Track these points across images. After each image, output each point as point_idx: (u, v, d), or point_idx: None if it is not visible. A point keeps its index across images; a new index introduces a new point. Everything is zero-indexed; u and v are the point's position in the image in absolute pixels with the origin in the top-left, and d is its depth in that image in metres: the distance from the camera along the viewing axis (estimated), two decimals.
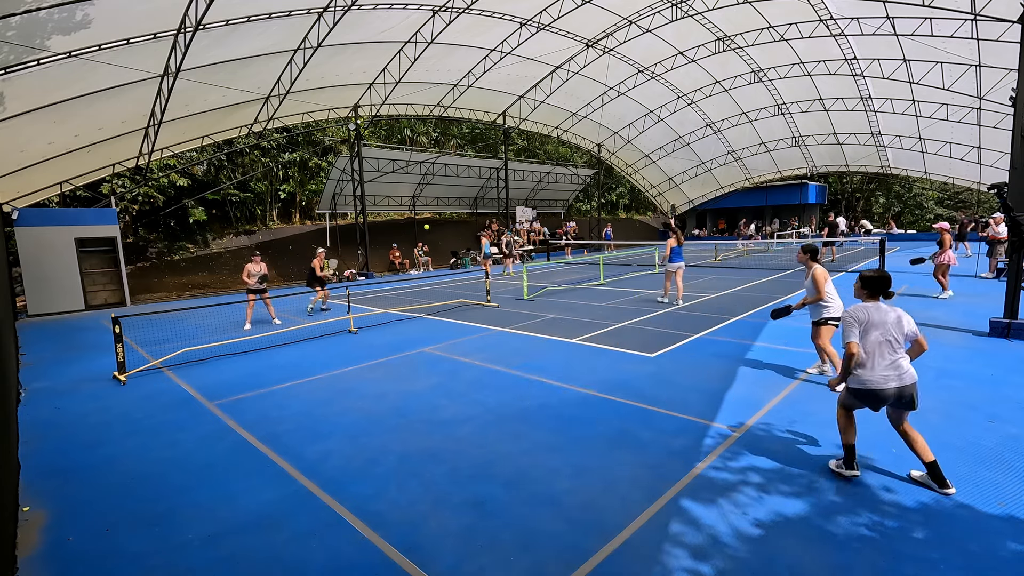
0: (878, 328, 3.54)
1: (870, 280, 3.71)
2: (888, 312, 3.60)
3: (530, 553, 3.03)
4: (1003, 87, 16.96)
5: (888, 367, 3.50)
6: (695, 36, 19.27)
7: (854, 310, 3.65)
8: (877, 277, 3.70)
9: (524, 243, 27.57)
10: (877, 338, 3.54)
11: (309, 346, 8.61)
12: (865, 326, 3.56)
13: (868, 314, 3.59)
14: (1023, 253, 7.36)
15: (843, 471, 3.73)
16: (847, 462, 3.74)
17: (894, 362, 3.51)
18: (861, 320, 3.58)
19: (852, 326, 3.59)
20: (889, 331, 3.54)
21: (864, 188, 39.60)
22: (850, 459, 3.74)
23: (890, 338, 3.53)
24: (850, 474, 3.71)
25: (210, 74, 13.27)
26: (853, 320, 3.60)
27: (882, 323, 3.55)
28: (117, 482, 4.13)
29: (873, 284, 3.70)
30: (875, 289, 3.69)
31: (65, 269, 13.94)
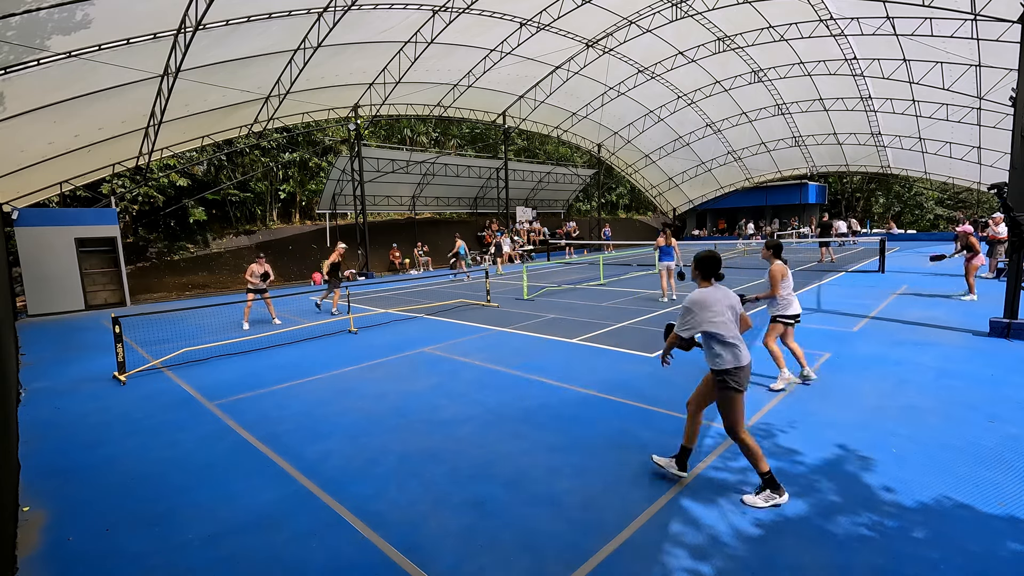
0: (725, 309, 3.50)
1: (703, 262, 3.62)
2: (725, 292, 3.59)
3: (530, 553, 3.03)
4: (1003, 87, 16.96)
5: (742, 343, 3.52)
6: (695, 36, 19.27)
7: (693, 296, 3.52)
8: (709, 258, 3.61)
9: (524, 243, 27.58)
10: (729, 318, 3.50)
11: (309, 346, 8.61)
12: (710, 306, 3.47)
13: (709, 295, 3.51)
14: (1023, 253, 7.36)
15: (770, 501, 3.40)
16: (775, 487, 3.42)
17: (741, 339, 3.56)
18: (703, 302, 3.48)
19: (690, 315, 3.49)
20: (729, 309, 3.54)
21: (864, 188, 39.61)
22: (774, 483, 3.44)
23: (734, 316, 3.55)
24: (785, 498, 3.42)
25: (210, 74, 13.27)
26: (693, 308, 3.49)
27: (725, 303, 3.52)
28: (117, 482, 4.13)
29: (706, 265, 3.61)
30: (709, 271, 3.61)
31: (65, 269, 13.93)
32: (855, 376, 5.96)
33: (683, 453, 3.76)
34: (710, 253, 3.63)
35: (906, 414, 4.82)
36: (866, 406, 5.05)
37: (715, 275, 3.61)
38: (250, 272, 10.22)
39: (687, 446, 3.76)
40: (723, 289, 3.61)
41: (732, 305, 3.57)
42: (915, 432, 4.43)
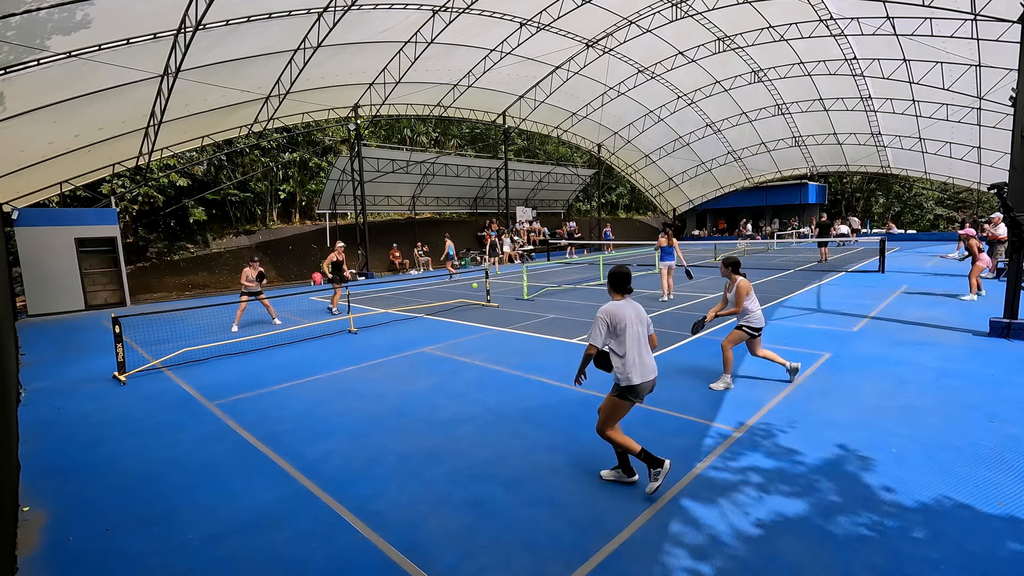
0: (631, 324, 3.59)
1: (614, 277, 3.74)
2: (636, 307, 3.69)
3: (530, 553, 3.03)
4: (1003, 87, 16.96)
5: (646, 361, 3.64)
6: (695, 36, 19.27)
7: (604, 309, 3.63)
8: (620, 274, 3.73)
9: (524, 243, 27.59)
10: (633, 334, 3.59)
11: (309, 346, 8.61)
12: (619, 324, 3.57)
13: (620, 309, 3.61)
14: (1023, 253, 7.36)
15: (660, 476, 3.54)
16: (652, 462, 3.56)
17: (647, 355, 3.67)
18: (614, 319, 3.58)
19: (600, 325, 3.58)
20: (639, 326, 3.64)
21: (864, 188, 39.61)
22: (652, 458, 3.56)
23: (641, 332, 3.65)
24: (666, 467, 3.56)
25: (210, 74, 13.27)
26: (604, 319, 3.59)
27: (634, 319, 3.62)
28: (117, 482, 4.13)
29: (618, 281, 3.73)
30: (620, 286, 3.73)
31: (65, 269, 13.93)
32: (855, 376, 5.97)
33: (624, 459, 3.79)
34: (621, 269, 3.75)
35: (906, 414, 4.82)
36: (866, 406, 5.05)
37: (625, 290, 3.72)
38: (244, 276, 10.23)
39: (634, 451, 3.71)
40: (634, 305, 3.70)
41: (642, 321, 3.68)
42: (915, 432, 4.43)
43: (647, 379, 3.64)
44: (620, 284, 3.72)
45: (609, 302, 3.70)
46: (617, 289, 3.73)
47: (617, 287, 3.73)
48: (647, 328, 3.73)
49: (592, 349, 3.60)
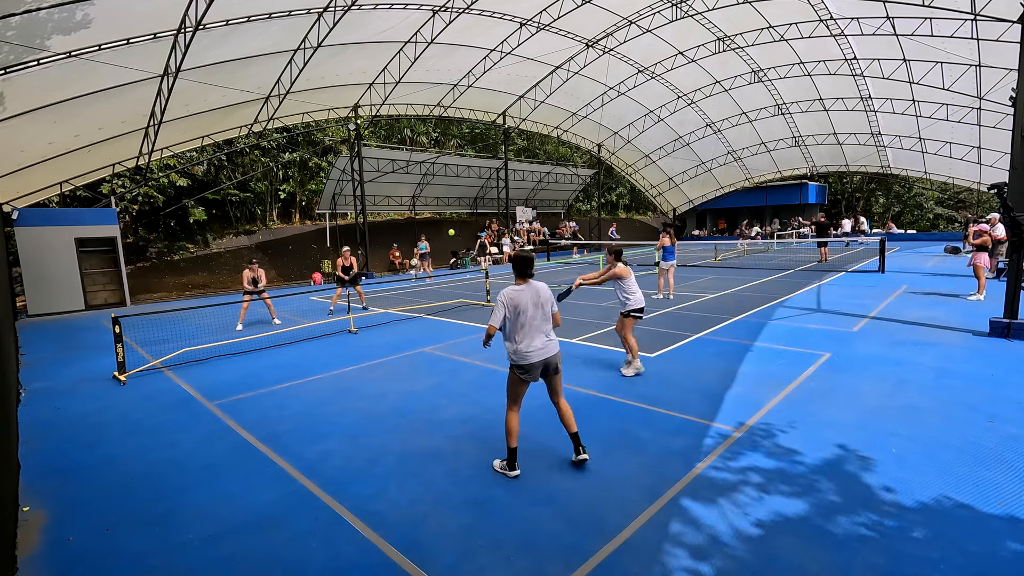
0: (528, 306, 3.85)
1: (515, 261, 4.00)
2: (536, 290, 3.93)
3: (530, 553, 3.03)
4: (1003, 87, 16.96)
5: (537, 341, 3.87)
6: (695, 36, 19.27)
7: (504, 293, 3.88)
8: (521, 258, 3.99)
9: (524, 243, 27.59)
10: (528, 316, 3.84)
11: (309, 346, 8.61)
12: (515, 307, 3.83)
13: (518, 295, 3.86)
14: (1023, 253, 7.36)
15: (507, 472, 3.90)
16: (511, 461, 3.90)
17: (543, 335, 3.91)
18: (511, 301, 3.84)
19: (500, 308, 3.85)
20: (537, 308, 3.89)
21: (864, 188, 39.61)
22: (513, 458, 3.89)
23: (538, 314, 3.90)
24: (514, 474, 3.87)
25: (210, 74, 13.27)
26: (503, 302, 3.85)
27: (532, 302, 3.87)
28: (117, 482, 4.13)
29: (519, 265, 3.98)
30: (521, 270, 3.97)
31: (65, 269, 13.94)
32: (855, 376, 5.96)
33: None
34: (523, 253, 4.04)
35: (906, 414, 4.82)
36: (866, 406, 5.05)
37: (527, 274, 3.98)
38: (245, 280, 10.26)
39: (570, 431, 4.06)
40: (535, 286, 3.96)
41: (540, 302, 3.93)
42: (915, 432, 4.43)
43: (539, 359, 3.86)
44: (522, 268, 3.98)
45: (509, 287, 3.94)
46: (519, 274, 3.98)
47: (518, 272, 3.98)
48: (549, 307, 3.99)
49: (492, 329, 3.89)
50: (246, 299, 10.21)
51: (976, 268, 10.63)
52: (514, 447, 3.89)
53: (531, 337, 3.86)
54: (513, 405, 3.95)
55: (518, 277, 3.99)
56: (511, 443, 3.89)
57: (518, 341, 3.85)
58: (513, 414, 3.92)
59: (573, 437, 4.04)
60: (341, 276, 11.87)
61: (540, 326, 3.91)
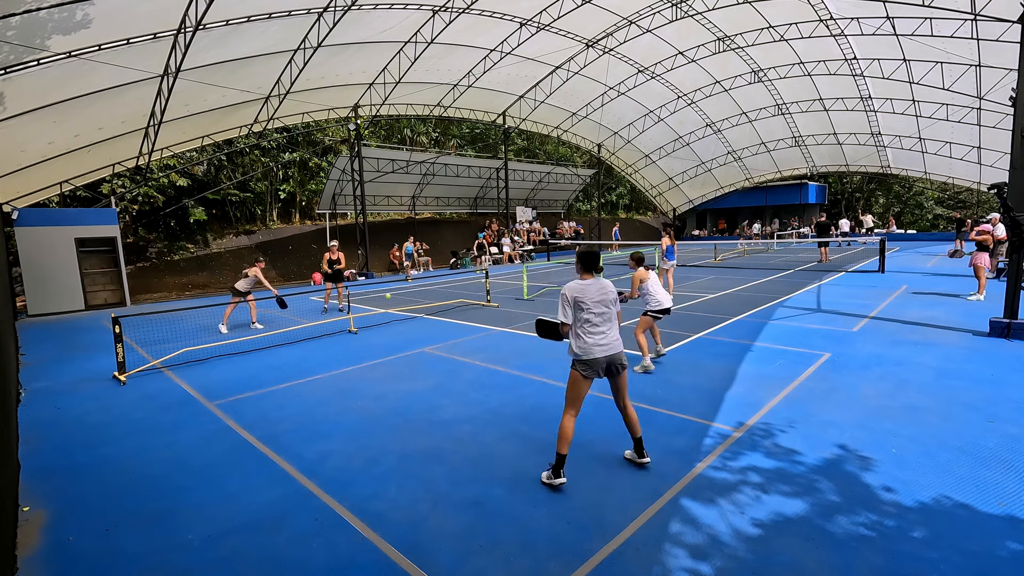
0: (593, 302, 3.76)
1: (582, 256, 3.92)
2: (601, 286, 3.84)
3: (530, 553, 3.03)
4: (1003, 87, 16.95)
5: (602, 337, 3.77)
6: (695, 36, 19.27)
7: (569, 287, 3.81)
8: (588, 253, 3.92)
9: (524, 243, 27.59)
10: (593, 311, 3.76)
11: (309, 346, 8.61)
12: (580, 301, 3.75)
13: (583, 289, 3.79)
14: (1023, 253, 7.36)
15: (554, 480, 3.72)
16: (556, 468, 3.72)
17: (606, 333, 3.79)
18: (576, 295, 3.76)
19: (565, 303, 3.78)
20: (601, 304, 3.79)
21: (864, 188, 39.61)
22: (560, 465, 3.72)
23: (604, 311, 3.80)
24: (559, 482, 3.71)
25: (210, 74, 13.27)
26: (567, 296, 3.78)
27: (597, 297, 3.78)
28: (117, 482, 4.13)
29: (585, 260, 3.90)
30: (587, 264, 3.90)
31: (65, 269, 13.93)
32: (855, 376, 5.96)
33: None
34: (590, 248, 3.97)
35: (906, 414, 4.82)
36: (866, 406, 5.05)
37: (595, 268, 3.90)
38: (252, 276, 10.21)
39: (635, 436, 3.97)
40: (601, 282, 3.88)
41: (606, 300, 3.83)
42: (915, 432, 4.43)
43: (604, 355, 3.76)
44: (589, 263, 3.90)
45: (574, 281, 3.88)
46: (586, 269, 3.91)
47: (586, 266, 3.91)
48: (613, 306, 3.89)
49: (564, 327, 3.79)
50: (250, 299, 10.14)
51: (976, 268, 10.64)
52: (564, 454, 3.70)
53: (596, 333, 3.76)
54: (571, 408, 3.79)
55: (583, 272, 3.91)
56: (561, 449, 3.69)
57: (583, 336, 3.76)
58: (570, 417, 3.76)
59: (637, 442, 3.97)
60: (326, 270, 12.05)
61: (605, 323, 3.81)
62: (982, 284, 10.52)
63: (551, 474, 3.74)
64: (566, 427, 3.73)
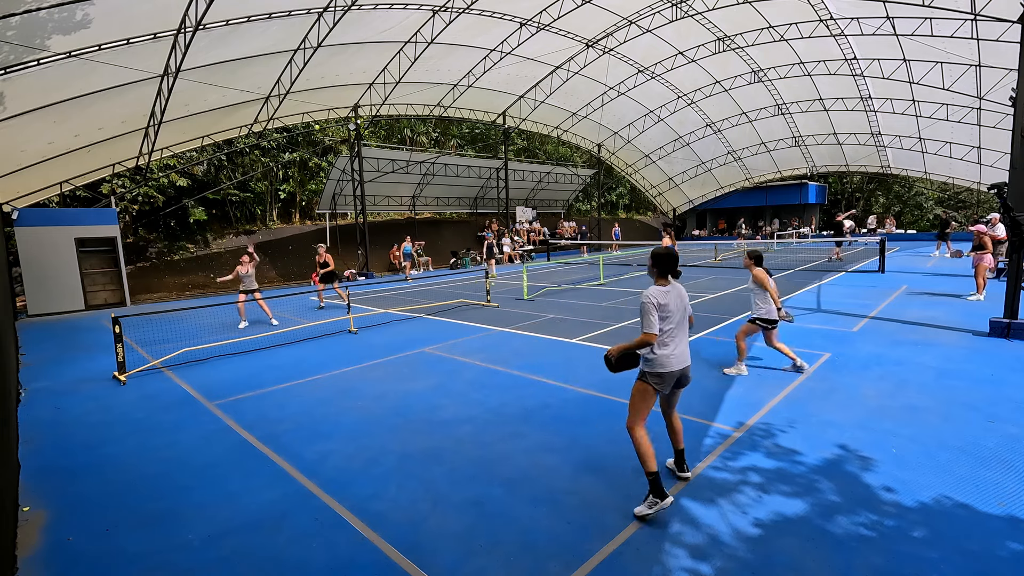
0: (675, 309, 3.46)
1: (660, 259, 3.52)
2: (679, 292, 3.54)
3: (530, 553, 3.04)
4: (1003, 87, 16.95)
5: (680, 347, 3.48)
6: (695, 36, 19.27)
7: (652, 294, 3.41)
8: (668, 256, 3.53)
9: (524, 243, 27.59)
10: (674, 320, 3.46)
11: (309, 346, 8.61)
12: (664, 308, 3.41)
13: (666, 296, 3.44)
14: (1023, 253, 7.36)
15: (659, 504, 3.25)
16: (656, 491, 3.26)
17: (680, 343, 3.50)
18: (660, 303, 3.40)
19: (651, 311, 3.37)
20: (680, 311, 3.50)
21: (864, 188, 39.60)
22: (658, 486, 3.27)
23: (683, 319, 3.53)
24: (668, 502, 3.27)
25: (210, 74, 13.27)
26: (653, 304, 3.38)
27: (677, 304, 3.48)
28: (117, 482, 4.13)
29: (664, 263, 3.52)
30: (666, 268, 3.53)
31: (65, 269, 13.93)
32: (855, 376, 5.96)
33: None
34: (670, 251, 3.56)
35: (906, 414, 4.82)
36: (866, 406, 5.05)
37: (672, 272, 3.56)
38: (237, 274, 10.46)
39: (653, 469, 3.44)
40: (679, 288, 3.57)
41: (684, 306, 3.56)
42: (915, 432, 4.43)
43: (679, 368, 3.48)
44: (667, 267, 3.52)
45: (653, 287, 3.50)
46: (663, 273, 3.53)
47: (663, 271, 3.53)
48: (688, 312, 3.60)
49: (651, 337, 3.35)
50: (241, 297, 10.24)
51: (978, 268, 10.63)
52: (655, 471, 3.29)
53: (674, 344, 3.45)
54: (640, 420, 3.47)
55: (660, 276, 3.53)
56: (650, 467, 3.29)
57: (661, 347, 3.41)
58: (643, 431, 3.43)
59: (679, 454, 3.78)
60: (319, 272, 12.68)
61: (680, 332, 3.50)
62: (981, 284, 10.52)
63: (651, 500, 3.26)
64: (642, 443, 3.37)
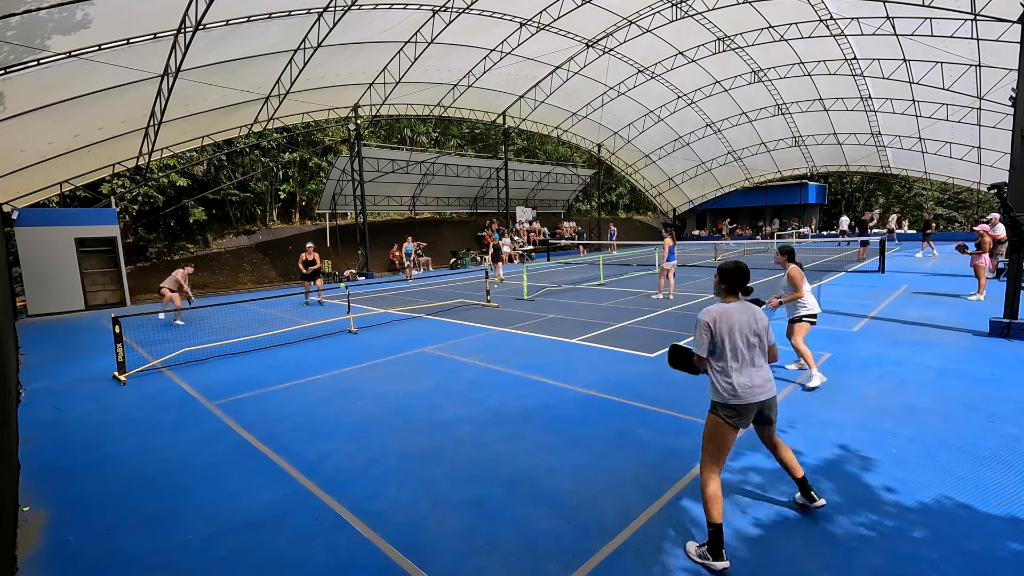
0: (741, 330, 3.01)
1: (727, 273, 3.13)
2: (752, 313, 3.08)
3: (530, 553, 3.04)
4: (1003, 87, 16.95)
5: (756, 375, 3.03)
6: (695, 36, 19.27)
7: (710, 312, 3.05)
8: (736, 270, 3.11)
9: (524, 243, 27.59)
10: (743, 342, 3.01)
11: (309, 346, 8.61)
12: (726, 329, 3.01)
13: (728, 315, 3.02)
14: (1023, 253, 7.36)
15: (709, 561, 2.82)
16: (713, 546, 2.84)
17: (758, 370, 3.05)
18: (719, 322, 3.01)
19: (704, 331, 3.02)
20: (752, 334, 3.04)
21: (864, 188, 39.61)
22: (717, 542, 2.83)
23: (754, 342, 3.04)
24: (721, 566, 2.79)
25: (210, 74, 13.27)
26: (708, 324, 3.01)
27: (746, 324, 3.03)
28: (117, 482, 4.13)
29: (732, 278, 3.11)
30: (735, 284, 3.12)
31: (65, 269, 13.93)
32: (855, 376, 5.96)
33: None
34: (738, 264, 3.13)
35: (906, 414, 4.82)
36: (866, 406, 5.05)
37: (742, 289, 3.13)
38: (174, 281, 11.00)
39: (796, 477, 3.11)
40: (751, 308, 3.09)
41: (756, 329, 3.04)
42: (915, 432, 4.43)
43: (756, 400, 3.01)
44: (736, 283, 3.11)
45: (717, 304, 3.12)
46: (731, 289, 3.13)
47: (731, 287, 3.12)
48: (766, 335, 3.09)
49: (700, 362, 3.09)
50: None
51: (977, 268, 10.64)
52: (719, 523, 2.82)
53: (747, 371, 3.00)
54: (714, 464, 2.97)
55: (728, 293, 3.13)
56: (713, 517, 2.84)
57: (730, 374, 2.99)
58: (714, 477, 2.94)
59: (801, 483, 3.28)
60: (303, 270, 13.18)
61: (756, 357, 3.05)
62: (982, 284, 10.52)
63: (704, 551, 2.86)
64: (712, 487, 2.92)
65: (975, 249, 10.77)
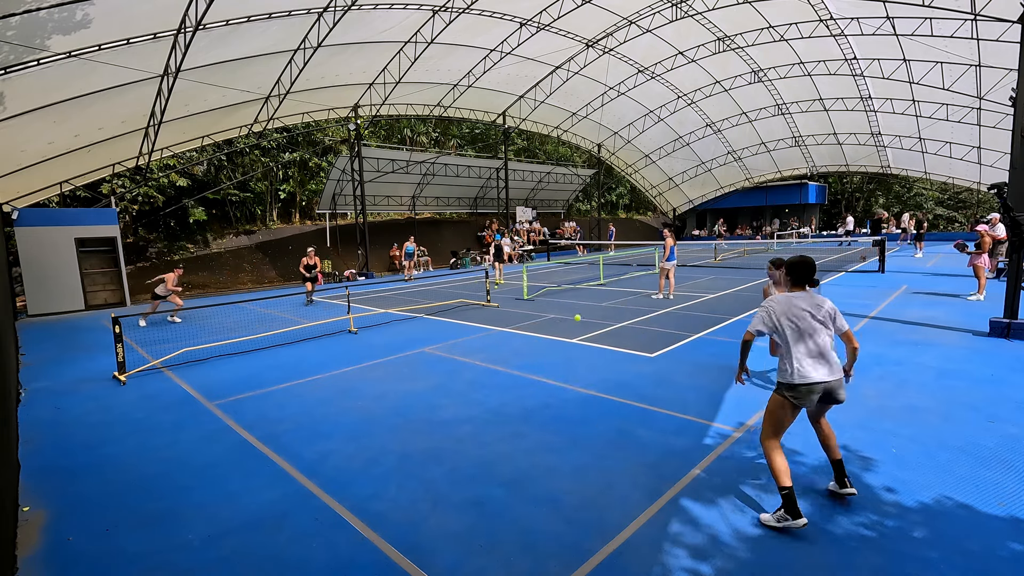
0: (804, 317, 3.27)
1: (794, 267, 3.41)
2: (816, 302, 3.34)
3: (530, 553, 3.04)
4: (1003, 87, 16.95)
5: (821, 360, 3.27)
6: (695, 36, 19.27)
7: (773, 298, 3.39)
8: (803, 263, 3.39)
9: (524, 243, 27.59)
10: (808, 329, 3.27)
11: (309, 346, 8.61)
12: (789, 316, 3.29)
13: (791, 302, 3.32)
14: (1023, 253, 7.36)
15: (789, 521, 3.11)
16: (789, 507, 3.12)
17: (828, 355, 3.30)
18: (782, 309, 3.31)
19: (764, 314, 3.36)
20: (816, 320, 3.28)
21: (864, 188, 39.61)
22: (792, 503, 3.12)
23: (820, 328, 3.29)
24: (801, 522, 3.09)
25: (210, 74, 13.27)
26: (770, 309, 3.35)
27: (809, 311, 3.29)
28: (117, 482, 4.13)
29: (799, 271, 3.39)
30: (801, 277, 3.39)
31: (65, 269, 13.93)
32: (855, 376, 5.95)
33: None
34: (802, 258, 3.40)
35: (906, 414, 4.82)
36: (866, 406, 5.05)
37: (809, 281, 3.38)
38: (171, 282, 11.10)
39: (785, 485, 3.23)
40: (815, 298, 3.34)
41: (822, 316, 3.28)
42: (915, 432, 4.43)
43: (820, 382, 3.23)
44: (802, 275, 3.38)
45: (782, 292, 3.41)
46: (797, 282, 3.40)
47: (798, 279, 3.39)
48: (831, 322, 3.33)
49: (748, 335, 3.41)
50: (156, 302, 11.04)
51: (976, 268, 10.64)
52: (789, 486, 3.14)
53: (813, 356, 3.25)
54: (775, 437, 3.31)
55: (793, 285, 3.41)
56: (784, 482, 3.15)
57: (795, 358, 3.25)
58: (776, 447, 3.28)
59: (836, 465, 3.46)
60: (304, 273, 13.71)
61: (823, 343, 3.28)
62: (982, 284, 10.52)
63: (781, 515, 3.14)
64: (775, 459, 3.24)
65: (975, 249, 10.77)
